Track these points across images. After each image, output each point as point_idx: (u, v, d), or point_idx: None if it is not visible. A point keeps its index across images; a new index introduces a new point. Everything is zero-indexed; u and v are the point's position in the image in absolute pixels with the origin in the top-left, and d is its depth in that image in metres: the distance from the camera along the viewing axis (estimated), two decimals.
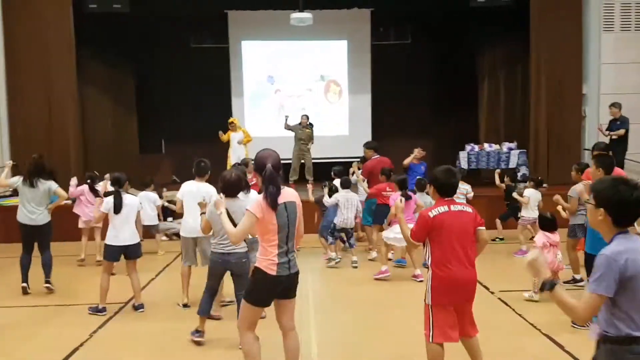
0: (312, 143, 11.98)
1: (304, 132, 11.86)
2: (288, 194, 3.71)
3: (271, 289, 3.70)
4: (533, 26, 11.60)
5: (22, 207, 6.50)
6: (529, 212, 8.13)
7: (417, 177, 8.45)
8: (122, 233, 5.80)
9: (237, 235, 3.75)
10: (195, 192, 5.69)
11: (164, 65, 14.10)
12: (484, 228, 3.81)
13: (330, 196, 7.89)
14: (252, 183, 9.37)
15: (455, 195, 3.88)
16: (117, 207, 5.77)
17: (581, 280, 6.38)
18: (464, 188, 8.53)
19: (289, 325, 3.84)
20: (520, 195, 8.32)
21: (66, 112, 11.24)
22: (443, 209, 3.69)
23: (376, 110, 14.39)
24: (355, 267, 7.63)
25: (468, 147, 11.86)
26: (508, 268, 7.61)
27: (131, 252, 5.91)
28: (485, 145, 11.97)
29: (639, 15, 11.58)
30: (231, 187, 4.77)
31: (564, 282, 6.30)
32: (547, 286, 2.46)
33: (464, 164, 11.67)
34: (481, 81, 13.69)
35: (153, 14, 12.75)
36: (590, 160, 7.71)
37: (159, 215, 9.16)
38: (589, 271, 4.84)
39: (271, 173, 3.60)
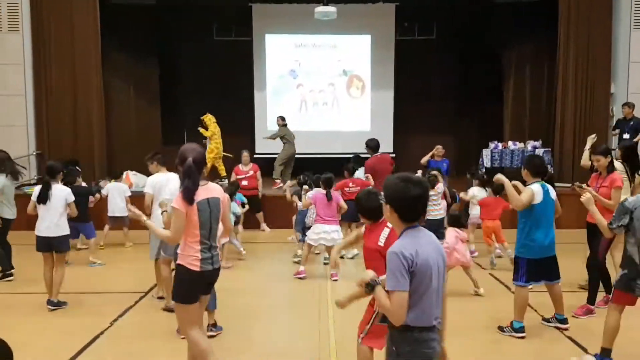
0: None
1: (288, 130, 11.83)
2: (212, 189, 3.68)
3: (196, 285, 3.67)
4: (562, 23, 11.39)
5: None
6: (476, 211, 7.93)
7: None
8: (44, 223, 5.65)
9: (173, 237, 3.63)
10: (164, 183, 5.42)
11: (188, 57, 14.18)
12: None
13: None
14: (248, 175, 9.59)
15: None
16: (42, 198, 5.63)
17: None
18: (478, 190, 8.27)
19: (200, 320, 3.86)
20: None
21: (91, 102, 11.38)
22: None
23: (398, 106, 14.27)
24: (326, 264, 7.44)
25: (492, 145, 11.71)
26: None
27: (55, 245, 5.70)
28: (510, 143, 11.80)
29: None
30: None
31: None
32: (368, 288, 2.55)
33: (487, 162, 11.53)
34: (506, 78, 13.48)
35: (177, 5, 12.80)
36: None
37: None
38: (528, 276, 4.84)
39: (189, 167, 3.53)
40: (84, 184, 8.52)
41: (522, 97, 13.23)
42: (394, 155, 11.89)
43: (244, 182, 9.59)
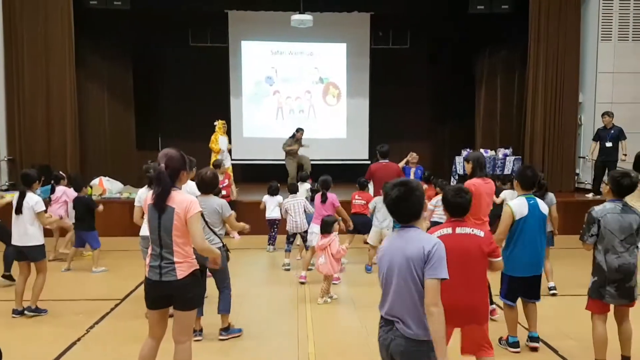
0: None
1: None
2: (171, 198, 3.54)
3: (147, 291, 3.69)
4: (532, 33, 11.69)
5: None
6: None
7: None
8: (16, 232, 5.62)
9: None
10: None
11: (163, 63, 14.14)
12: (498, 259, 3.69)
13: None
14: (224, 185, 9.54)
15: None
16: (17, 207, 5.58)
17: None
18: None
19: (175, 339, 3.70)
20: None
21: (64, 107, 11.22)
22: (447, 230, 3.61)
23: (374, 114, 14.44)
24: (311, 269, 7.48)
25: (464, 152, 11.92)
26: None
27: (27, 254, 5.64)
28: (481, 150, 12.02)
29: (636, 25, 11.68)
30: (205, 185, 4.86)
31: None
32: None
33: (459, 168, 11.73)
34: (479, 87, 13.77)
35: (153, 11, 12.76)
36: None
37: None
38: (507, 295, 4.79)
39: (159, 173, 3.50)
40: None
41: (493, 106, 13.52)
42: (368, 162, 11.99)
43: (223, 192, 9.55)
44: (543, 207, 4.69)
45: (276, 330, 5.40)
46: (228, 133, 13.39)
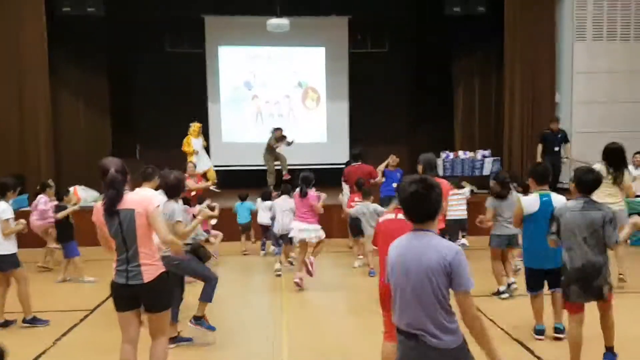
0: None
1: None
2: (128, 200, 3.61)
3: (115, 295, 3.71)
4: (507, 35, 11.73)
5: None
6: None
7: (393, 183, 8.49)
8: None
9: (103, 246, 3.77)
10: None
11: (139, 70, 13.96)
12: None
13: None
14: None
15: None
16: None
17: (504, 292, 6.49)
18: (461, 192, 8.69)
19: (151, 335, 3.78)
20: None
21: (37, 115, 11.03)
22: (390, 215, 3.85)
23: (354, 118, 14.41)
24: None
25: (443, 155, 11.91)
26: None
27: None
28: (460, 152, 12.04)
29: (610, 24, 11.79)
30: (169, 189, 4.81)
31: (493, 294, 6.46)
32: None
33: (439, 171, 11.71)
34: (456, 89, 13.79)
35: (128, 17, 12.62)
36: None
37: None
38: (528, 284, 4.97)
39: (113, 177, 3.54)
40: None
41: (471, 107, 13.54)
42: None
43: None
44: (557, 202, 4.72)
45: (253, 336, 5.30)
46: (206, 138, 13.29)
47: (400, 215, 3.66)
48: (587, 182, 4.18)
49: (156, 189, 5.01)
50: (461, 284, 2.57)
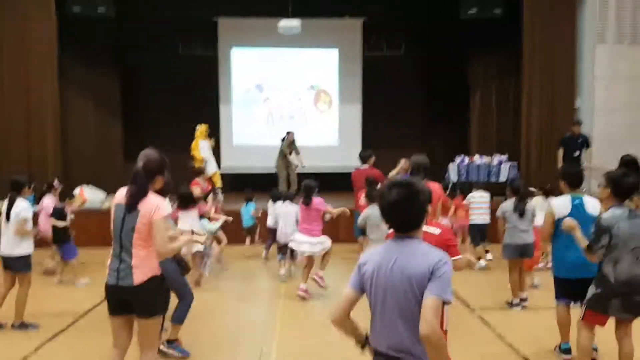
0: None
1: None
2: (120, 195, 3.49)
3: (107, 296, 3.54)
4: (526, 37, 11.35)
5: None
6: None
7: None
8: (3, 241, 5.45)
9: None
10: None
11: (152, 72, 13.87)
12: (455, 258, 3.40)
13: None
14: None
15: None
16: (7, 214, 5.39)
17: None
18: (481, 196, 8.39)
19: (140, 346, 3.55)
20: None
21: (45, 115, 10.95)
22: None
23: (366, 121, 14.12)
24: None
25: (458, 159, 11.59)
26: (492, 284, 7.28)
27: (11, 265, 5.45)
28: (476, 157, 11.69)
29: (634, 27, 11.33)
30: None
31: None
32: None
33: (453, 176, 11.39)
34: (473, 93, 13.44)
35: (140, 18, 12.54)
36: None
37: None
38: (557, 293, 4.57)
39: (135, 172, 3.44)
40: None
41: (488, 112, 13.18)
42: None
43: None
44: (591, 207, 4.41)
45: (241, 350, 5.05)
46: (217, 141, 13.13)
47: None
48: (625, 186, 3.80)
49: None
50: (437, 290, 2.17)
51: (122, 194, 3.50)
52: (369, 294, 2.39)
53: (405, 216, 2.33)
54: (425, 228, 3.46)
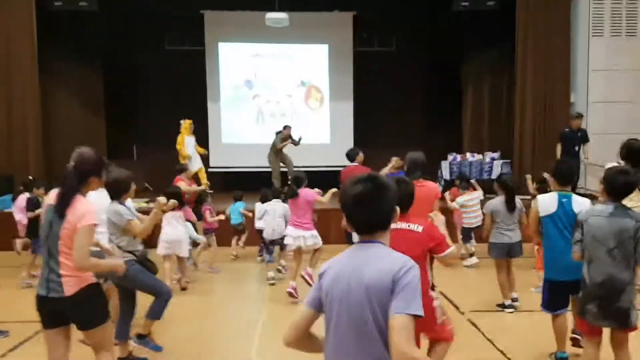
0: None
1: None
2: (54, 195, 3.18)
3: (38, 308, 3.24)
4: (519, 31, 11.12)
5: None
6: None
7: None
8: None
9: None
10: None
11: (137, 67, 13.54)
12: (444, 254, 3.34)
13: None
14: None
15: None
16: None
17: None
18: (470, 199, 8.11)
19: (94, 351, 3.35)
20: None
21: (27, 114, 10.69)
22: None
23: (358, 118, 13.84)
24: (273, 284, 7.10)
25: (450, 157, 11.38)
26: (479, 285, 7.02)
27: None
28: (468, 154, 11.47)
29: (630, 19, 11.08)
30: (109, 190, 4.30)
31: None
32: None
33: (445, 173, 11.19)
34: (465, 89, 13.19)
35: (124, 13, 12.23)
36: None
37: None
38: (549, 302, 4.27)
39: (66, 172, 3.18)
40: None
41: (481, 108, 12.94)
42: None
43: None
44: (578, 205, 4.11)
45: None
46: (205, 139, 12.85)
47: (401, 224, 3.28)
48: (617, 185, 3.50)
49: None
50: (403, 305, 1.83)
51: (55, 194, 3.22)
52: (325, 308, 2.05)
53: (370, 214, 1.98)
54: (406, 225, 3.27)
